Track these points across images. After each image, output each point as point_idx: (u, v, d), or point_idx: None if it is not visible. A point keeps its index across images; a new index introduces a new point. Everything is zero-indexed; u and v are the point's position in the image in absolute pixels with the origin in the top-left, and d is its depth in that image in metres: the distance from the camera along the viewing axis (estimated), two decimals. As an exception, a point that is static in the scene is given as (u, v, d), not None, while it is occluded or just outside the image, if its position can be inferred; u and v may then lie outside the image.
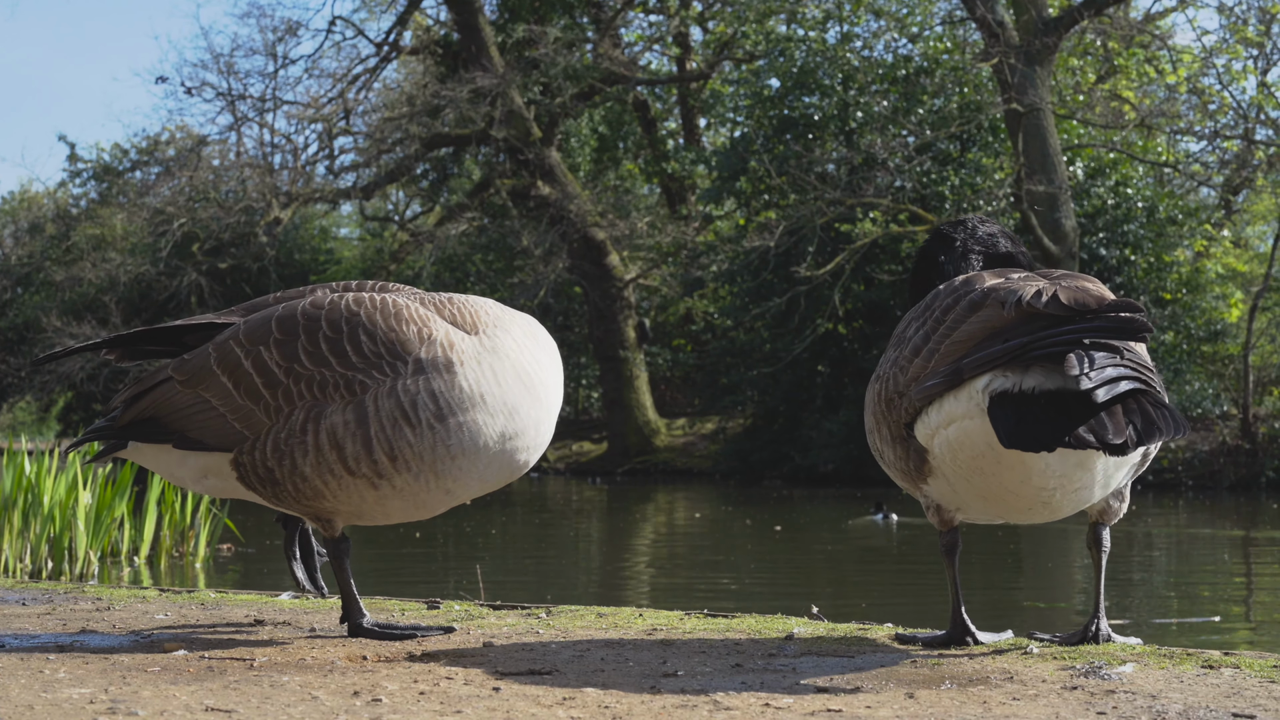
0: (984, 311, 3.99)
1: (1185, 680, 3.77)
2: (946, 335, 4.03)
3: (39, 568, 12.15)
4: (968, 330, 3.98)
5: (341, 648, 4.32)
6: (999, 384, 3.81)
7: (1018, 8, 27.32)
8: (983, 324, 3.96)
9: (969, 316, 4.01)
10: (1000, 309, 3.94)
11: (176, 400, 4.48)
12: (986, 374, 3.84)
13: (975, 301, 4.04)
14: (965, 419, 3.91)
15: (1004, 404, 3.76)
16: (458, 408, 4.29)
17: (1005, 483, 3.98)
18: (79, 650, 4.27)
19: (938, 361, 4.01)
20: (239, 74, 34.82)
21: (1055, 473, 3.90)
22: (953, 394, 3.93)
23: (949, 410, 3.95)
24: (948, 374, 3.91)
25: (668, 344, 39.22)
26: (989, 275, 4.20)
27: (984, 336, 3.94)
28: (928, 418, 4.04)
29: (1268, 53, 32.25)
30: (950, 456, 4.01)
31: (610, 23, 35.58)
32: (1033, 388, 3.76)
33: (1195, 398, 27.21)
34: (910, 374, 4.08)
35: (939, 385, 3.92)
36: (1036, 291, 3.89)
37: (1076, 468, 3.91)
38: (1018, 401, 3.75)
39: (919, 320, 4.21)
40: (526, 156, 33.34)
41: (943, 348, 4.01)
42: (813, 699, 3.54)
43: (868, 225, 27.61)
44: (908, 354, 4.13)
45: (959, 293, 4.14)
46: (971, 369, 3.84)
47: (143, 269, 35.72)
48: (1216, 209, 33.91)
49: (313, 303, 4.43)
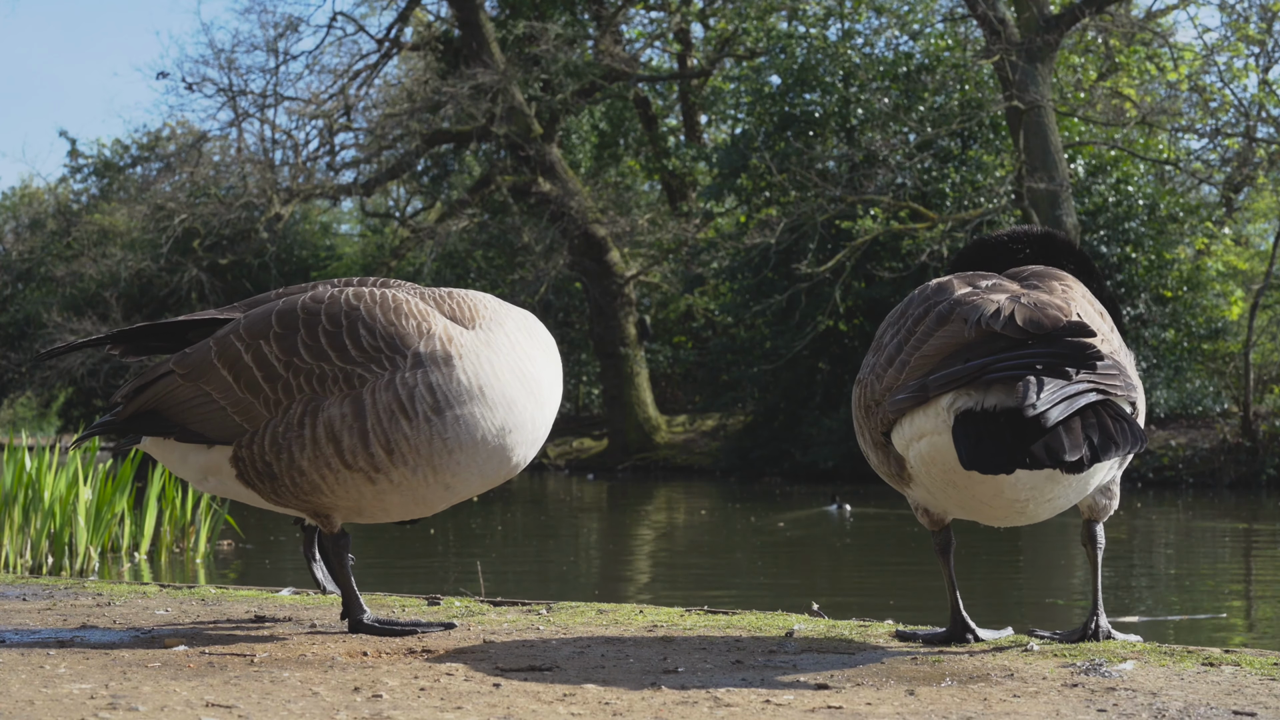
0: (949, 327, 4.05)
1: (1186, 678, 3.77)
2: (916, 348, 4.09)
3: (39, 563, 12.15)
4: (935, 345, 4.04)
5: (342, 644, 4.32)
6: (963, 402, 3.86)
7: (1019, 5, 27.29)
8: (948, 339, 4.02)
9: (936, 330, 4.07)
10: (963, 326, 4.01)
11: (178, 393, 4.48)
12: (951, 392, 3.89)
13: (942, 314, 4.10)
14: (933, 434, 3.96)
15: (966, 423, 3.82)
16: (455, 401, 4.28)
17: (978, 495, 4.03)
18: (79, 646, 4.27)
19: (908, 375, 4.06)
20: (240, 70, 34.78)
21: (1025, 485, 3.94)
22: (921, 409, 3.98)
23: (919, 425, 4.00)
24: (915, 390, 3.96)
25: (668, 341, 39.20)
26: (959, 282, 4.25)
27: (949, 352, 3.99)
28: (901, 429, 4.08)
29: (1269, 50, 32.20)
30: (924, 469, 4.05)
31: (611, 19, 35.55)
32: (994, 405, 3.82)
33: (1196, 395, 27.19)
34: (885, 383, 4.13)
35: (907, 400, 3.98)
36: (995, 311, 3.95)
37: (1047, 480, 3.94)
38: (979, 421, 3.80)
39: (894, 326, 4.26)
40: (527, 153, 33.33)
41: (913, 360, 4.06)
42: (813, 695, 3.54)
43: (868, 222, 27.60)
44: (883, 362, 4.18)
45: (930, 301, 4.19)
46: (935, 387, 3.90)
47: (143, 265, 35.71)
48: (1217, 207, 33.88)
49: (313, 297, 4.43)
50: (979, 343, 3.94)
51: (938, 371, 3.95)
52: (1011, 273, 4.40)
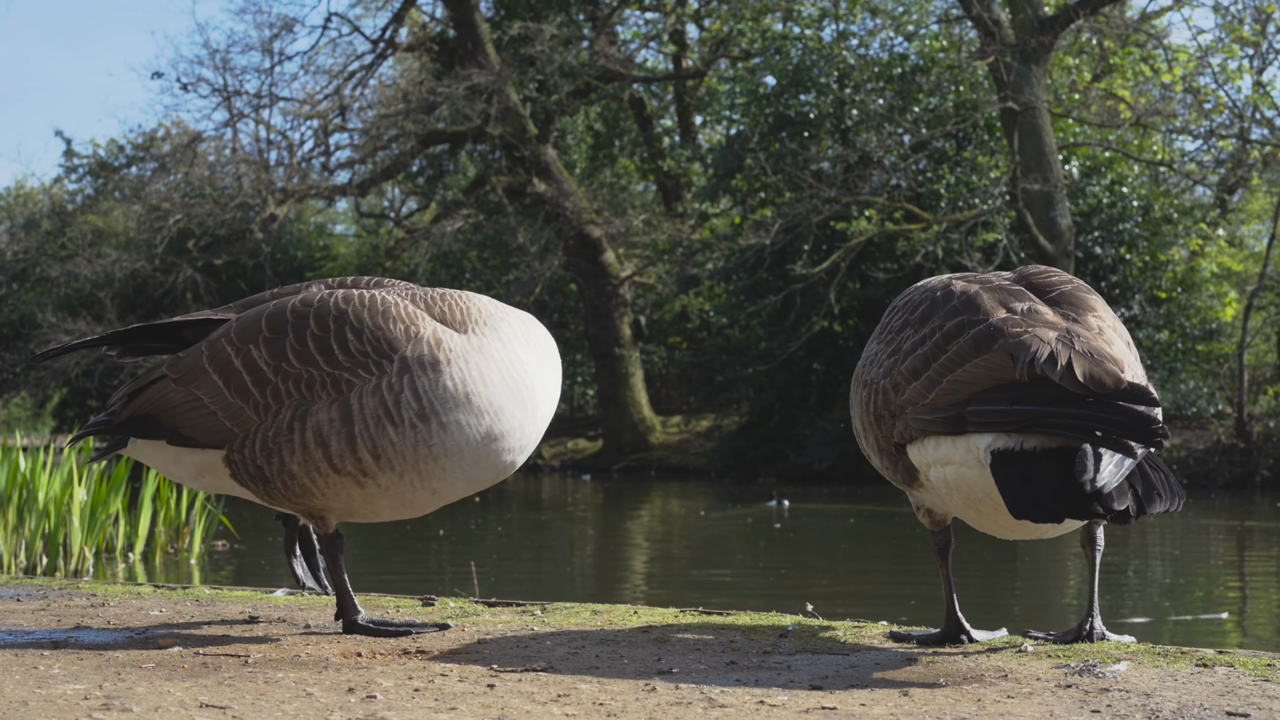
0: (991, 357, 3.86)
1: (1179, 679, 3.77)
2: (948, 369, 3.93)
3: (34, 564, 12.14)
4: (972, 373, 3.88)
5: (336, 644, 4.32)
6: (1002, 443, 3.77)
7: (1013, 6, 27.32)
8: (988, 370, 3.86)
9: (974, 355, 3.90)
10: (1010, 361, 3.82)
11: (170, 398, 4.48)
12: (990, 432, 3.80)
13: (981, 340, 3.90)
14: (964, 467, 3.89)
15: (1007, 464, 3.73)
16: (441, 407, 4.26)
17: (1001, 521, 4.02)
18: (73, 646, 4.26)
19: (938, 396, 3.92)
20: (235, 70, 34.74)
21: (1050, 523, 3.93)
22: (950, 439, 3.89)
23: (945, 452, 3.93)
24: (949, 419, 3.85)
25: (663, 341, 39.18)
26: (987, 298, 4.05)
27: (989, 386, 3.84)
28: (923, 449, 4.00)
29: (1263, 52, 32.27)
30: (945, 490, 4.01)
31: (606, 20, 35.53)
32: (1035, 447, 3.74)
33: (1190, 397, 27.22)
34: (906, 396, 4.01)
35: (938, 426, 3.88)
36: (1050, 356, 3.76)
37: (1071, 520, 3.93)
38: (1021, 461, 3.72)
39: (913, 326, 4.12)
40: (522, 153, 33.31)
41: (944, 382, 3.92)
42: (807, 696, 3.54)
43: (863, 223, 27.60)
44: (903, 370, 4.04)
45: (962, 320, 3.99)
46: (976, 423, 3.79)
47: (138, 265, 35.65)
48: (1212, 208, 33.92)
49: (303, 300, 4.42)
50: (1028, 385, 3.76)
51: (976, 404, 3.81)
52: (1037, 285, 4.19)
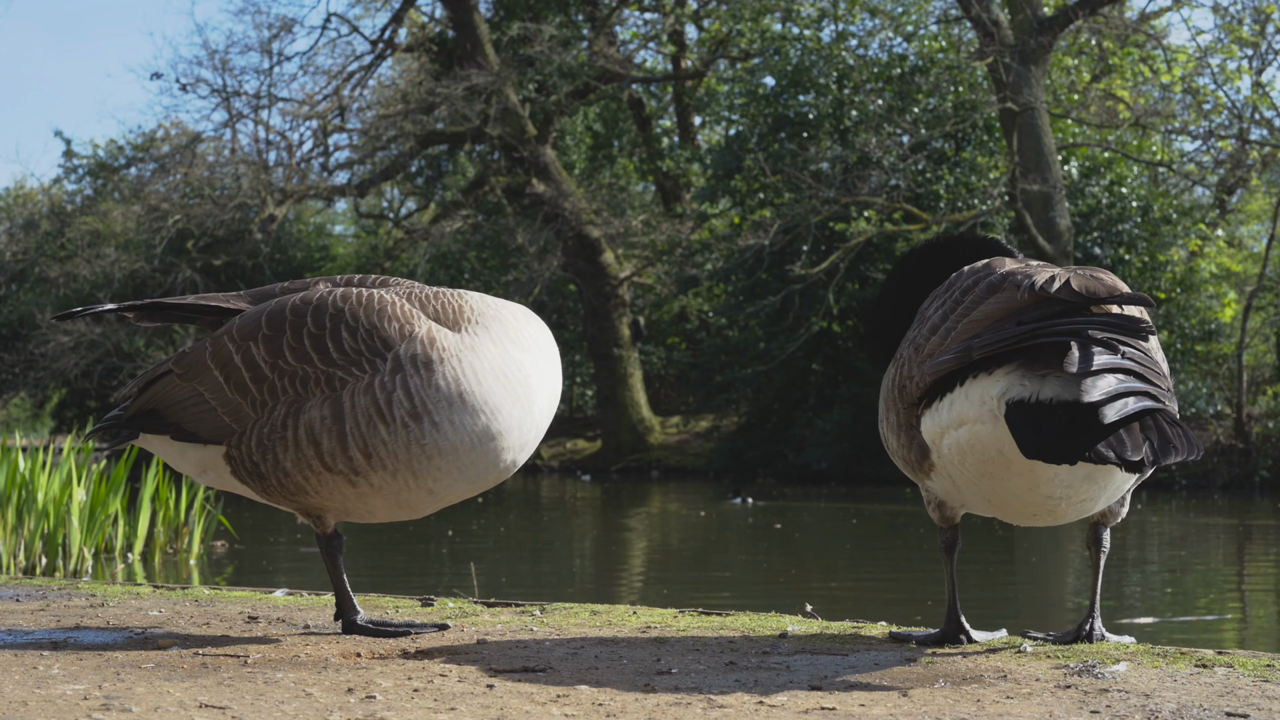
0: (1001, 295, 4.03)
1: (1179, 679, 3.77)
2: (964, 315, 4.06)
3: (33, 564, 12.14)
4: (984, 311, 4.02)
5: (335, 645, 4.32)
6: (1015, 392, 3.78)
7: (1013, 7, 27.33)
8: (999, 305, 4.00)
9: (986, 298, 4.05)
10: (1016, 292, 3.99)
11: (175, 393, 4.52)
12: (1002, 380, 3.82)
13: (993, 284, 4.08)
14: (977, 423, 3.90)
15: (1022, 413, 3.74)
16: (434, 406, 4.24)
17: (1012, 488, 3.99)
18: (73, 647, 4.26)
19: (952, 340, 4.03)
20: (234, 71, 34.73)
21: (1063, 483, 3.91)
22: (964, 395, 3.93)
23: (960, 411, 3.94)
24: (958, 352, 3.92)
25: (662, 342, 39.17)
26: (1010, 261, 4.26)
27: (999, 318, 3.98)
28: (938, 414, 4.02)
29: (1262, 52, 32.29)
30: (958, 458, 4.00)
31: (605, 20, 35.53)
32: (1050, 398, 3.74)
33: (1189, 397, 27.24)
34: (926, 351, 4.11)
35: (949, 362, 3.93)
36: (1050, 277, 3.94)
37: (1084, 480, 3.91)
38: (1035, 411, 3.73)
39: (940, 299, 4.23)
40: (521, 154, 33.31)
41: (959, 326, 4.04)
42: (807, 696, 3.54)
43: (862, 224, 27.61)
44: (925, 333, 4.16)
45: (979, 274, 4.18)
46: (981, 349, 3.85)
47: (137, 265, 35.63)
48: (1211, 208, 33.93)
49: (303, 298, 4.43)
50: (1031, 307, 3.93)
51: (982, 335, 3.93)
52: None
